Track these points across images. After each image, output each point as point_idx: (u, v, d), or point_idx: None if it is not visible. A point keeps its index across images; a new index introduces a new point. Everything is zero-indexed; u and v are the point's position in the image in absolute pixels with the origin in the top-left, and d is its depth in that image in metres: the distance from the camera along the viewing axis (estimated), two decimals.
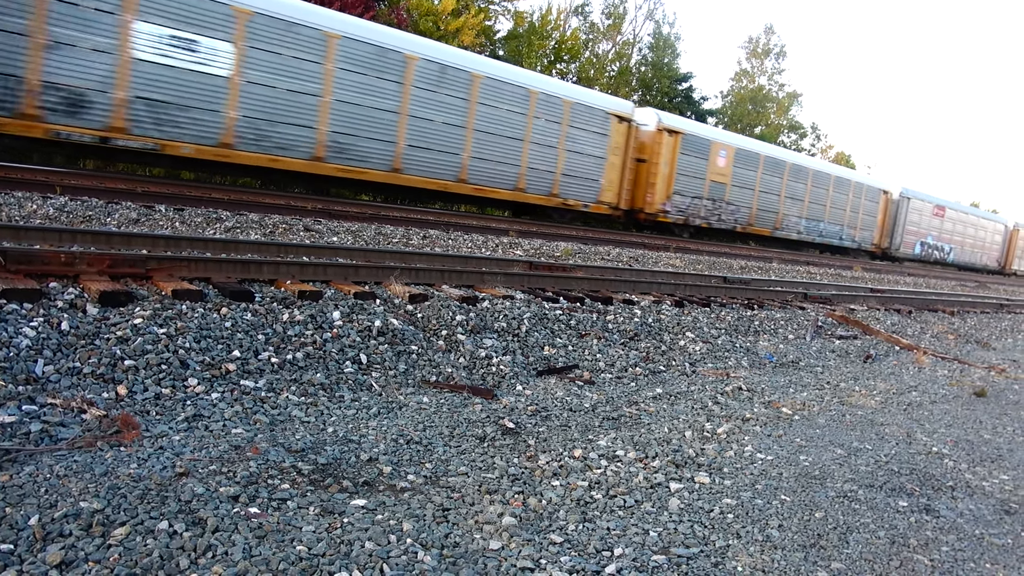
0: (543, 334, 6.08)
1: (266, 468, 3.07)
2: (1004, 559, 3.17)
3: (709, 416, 4.78)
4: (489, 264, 8.82)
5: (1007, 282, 35.43)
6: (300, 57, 14.56)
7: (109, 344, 3.91)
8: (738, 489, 3.56)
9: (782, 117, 51.53)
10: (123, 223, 8.19)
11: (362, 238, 9.93)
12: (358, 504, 2.88)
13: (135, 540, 2.37)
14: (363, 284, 6.13)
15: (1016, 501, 3.95)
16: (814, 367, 7.19)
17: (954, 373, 7.79)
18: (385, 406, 4.22)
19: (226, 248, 6.94)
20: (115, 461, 2.94)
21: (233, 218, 9.48)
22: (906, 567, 2.95)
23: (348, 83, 15.33)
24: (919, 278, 24.70)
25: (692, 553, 2.83)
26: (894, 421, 5.33)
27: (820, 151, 55.23)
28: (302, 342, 4.64)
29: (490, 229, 14.29)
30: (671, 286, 9.20)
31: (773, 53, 51.17)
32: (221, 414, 3.65)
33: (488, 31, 33.91)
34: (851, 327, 9.57)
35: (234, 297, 4.95)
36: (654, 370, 6.06)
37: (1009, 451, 4.97)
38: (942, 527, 3.41)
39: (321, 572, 2.33)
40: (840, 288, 13.43)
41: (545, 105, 19.31)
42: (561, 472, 3.52)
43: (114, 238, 6.43)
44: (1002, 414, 6.09)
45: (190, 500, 2.66)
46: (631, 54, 43.02)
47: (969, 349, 10.25)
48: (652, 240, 19.08)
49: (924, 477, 4.09)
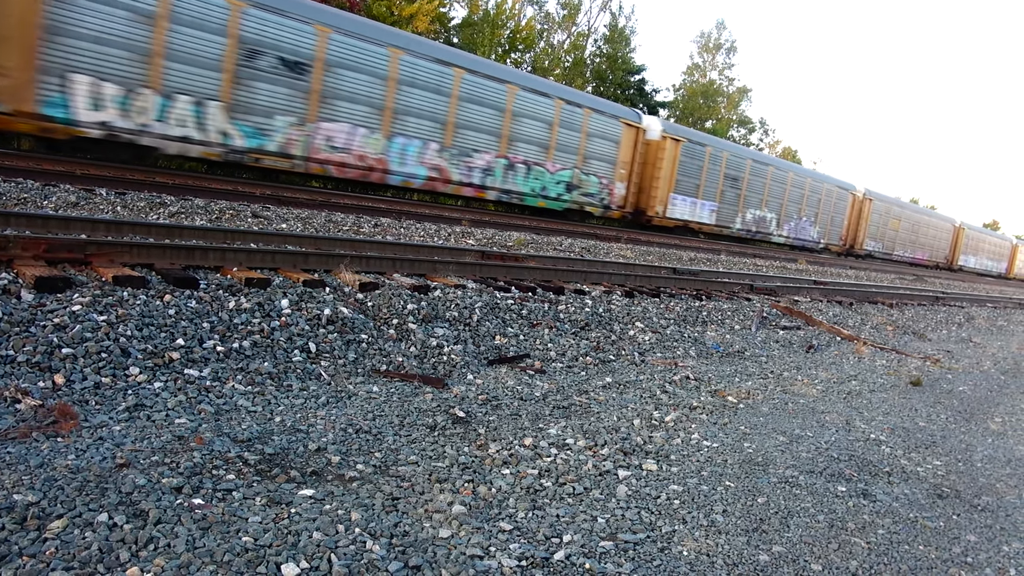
0: (495, 323, 6.08)
1: (211, 458, 3.01)
2: (937, 541, 3.31)
3: (657, 405, 4.86)
4: (441, 253, 8.78)
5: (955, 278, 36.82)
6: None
7: (45, 332, 3.77)
8: (684, 476, 3.63)
9: (732, 111, 52.39)
10: (61, 206, 7.90)
11: (312, 225, 9.78)
12: (306, 494, 2.85)
13: (73, 533, 2.30)
14: (313, 272, 6.04)
15: (948, 486, 4.12)
16: (759, 357, 7.36)
17: (892, 363, 8.06)
18: (334, 395, 4.18)
19: (170, 233, 6.75)
20: (51, 452, 2.84)
21: (178, 203, 9.23)
22: (844, 549, 3.05)
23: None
24: (861, 271, 25.47)
25: (639, 539, 2.88)
26: (834, 409, 5.49)
27: (768, 146, 56.36)
28: (249, 330, 4.55)
29: (443, 218, 14.22)
30: (622, 277, 9.29)
31: (724, 48, 51.97)
32: (164, 404, 3.56)
33: (443, 18, 33.62)
34: (795, 318, 9.82)
35: (178, 284, 4.82)
36: (604, 359, 6.12)
37: (942, 438, 5.17)
38: (879, 511, 3.54)
39: (267, 563, 2.30)
40: (785, 280, 13.76)
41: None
42: (511, 460, 3.54)
43: (51, 222, 6.19)
44: (936, 402, 6.33)
45: (131, 492, 2.59)
46: (586, 45, 43.18)
47: (906, 340, 10.62)
48: (603, 231, 19.23)
49: (862, 463, 4.23)
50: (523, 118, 19.64)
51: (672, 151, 23.92)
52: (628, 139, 22.89)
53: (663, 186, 23.83)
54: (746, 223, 27.76)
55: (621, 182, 22.92)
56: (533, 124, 19.96)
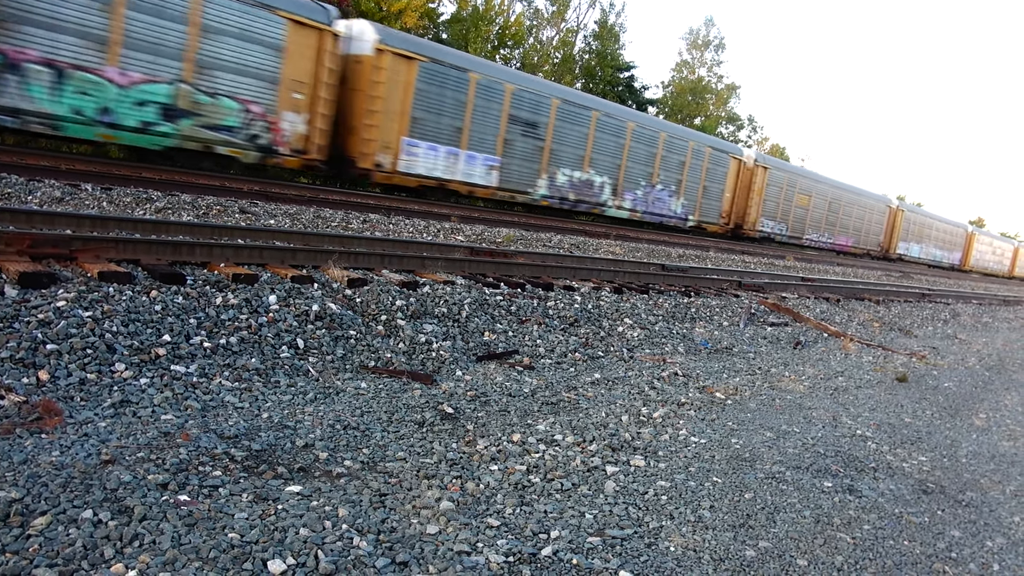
0: (484, 319, 6.08)
1: (197, 455, 2.99)
2: (921, 536, 3.34)
3: (645, 401, 4.87)
4: (430, 249, 8.76)
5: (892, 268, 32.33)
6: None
7: (30, 327, 3.74)
8: (672, 472, 3.64)
9: (721, 108, 52.52)
10: (46, 202, 7.83)
11: (300, 221, 9.74)
12: (293, 490, 2.84)
13: (56, 530, 2.28)
14: (301, 268, 6.02)
15: (933, 481, 4.15)
16: (747, 353, 7.39)
17: (878, 359, 8.11)
18: (322, 391, 4.16)
19: (156, 229, 6.70)
20: (35, 448, 2.82)
21: (164, 198, 9.16)
22: (830, 545, 3.07)
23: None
24: (848, 268, 25.62)
25: (627, 534, 2.88)
26: (821, 405, 5.52)
27: (756, 143, 56.56)
28: (236, 326, 4.53)
29: (432, 214, 14.19)
30: (611, 273, 9.31)
31: (713, 45, 52.04)
32: (150, 400, 3.54)
33: (431, 13, 33.51)
34: (782, 314, 9.87)
35: (165, 280, 4.79)
36: (593, 356, 6.13)
37: (928, 434, 5.21)
38: (864, 506, 3.56)
39: (254, 559, 2.29)
40: (773, 277, 13.82)
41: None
42: (499, 456, 3.54)
43: (36, 217, 6.14)
44: (922, 399, 6.38)
45: (116, 488, 2.57)
46: (575, 42, 43.16)
47: (893, 336, 10.70)
48: (593, 228, 19.24)
49: (848, 459, 4.26)
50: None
51: (401, 74, 15.89)
52: (301, 44, 14.30)
53: (388, 126, 15.91)
54: (556, 188, 20.40)
55: (298, 112, 14.44)
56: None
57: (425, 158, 17.05)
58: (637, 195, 23.30)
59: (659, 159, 23.71)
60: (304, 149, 14.82)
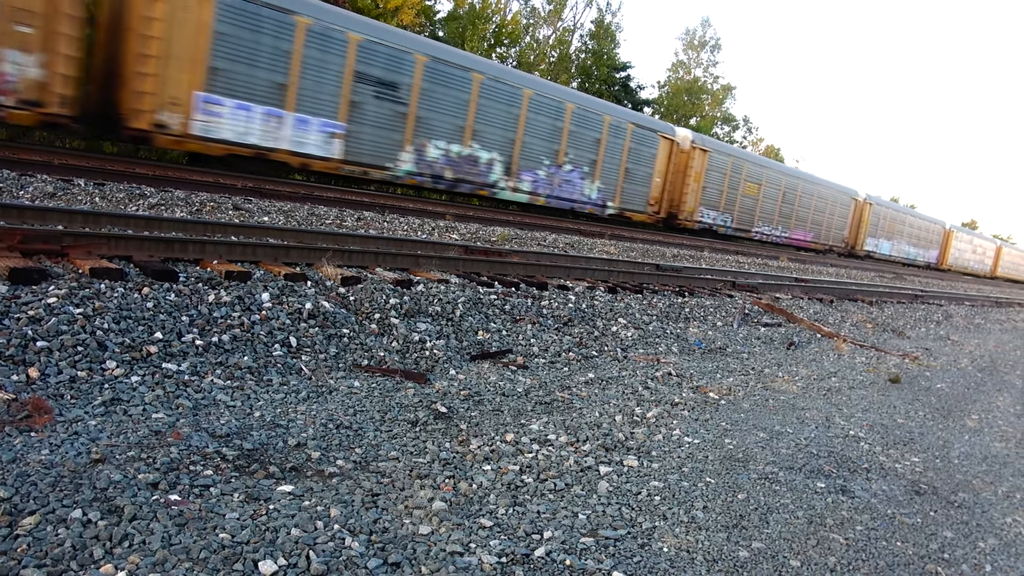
0: (477, 318, 6.07)
1: (188, 454, 2.97)
2: (914, 537, 3.34)
3: (639, 401, 4.86)
4: (425, 248, 8.74)
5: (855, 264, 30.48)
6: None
7: (19, 324, 3.71)
8: (665, 472, 3.63)
9: (716, 109, 52.59)
10: (38, 197, 7.78)
11: (294, 218, 9.70)
12: (285, 490, 2.82)
13: (45, 529, 2.26)
14: (294, 265, 5.99)
15: (926, 482, 4.16)
16: (740, 353, 7.39)
17: (871, 360, 8.13)
18: (315, 390, 4.14)
19: (149, 225, 6.66)
20: (24, 447, 2.79)
21: (158, 195, 9.11)
22: (823, 545, 3.07)
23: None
24: (841, 269, 25.68)
25: (620, 535, 2.88)
26: (814, 406, 5.53)
27: (751, 143, 56.65)
28: (229, 324, 4.50)
29: (426, 212, 14.16)
30: (605, 272, 9.30)
31: (709, 46, 52.11)
32: (141, 398, 3.52)
33: (428, 11, 33.45)
34: (776, 315, 9.88)
35: (157, 277, 4.76)
36: (587, 355, 6.13)
37: (920, 435, 5.22)
38: (857, 507, 3.56)
39: (244, 560, 2.28)
40: (767, 277, 13.84)
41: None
42: (493, 456, 3.52)
43: (27, 212, 6.10)
44: (914, 400, 6.39)
45: (106, 487, 2.55)
46: (571, 41, 43.14)
47: (886, 337, 10.72)
48: (587, 227, 19.24)
49: (841, 459, 4.26)
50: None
51: (192, 11, 12.78)
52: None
53: (173, 76, 12.78)
54: (427, 163, 17.05)
55: (26, 51, 11.25)
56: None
57: (233, 120, 13.71)
58: (539, 176, 19.75)
59: (567, 134, 20.11)
60: (40, 100, 11.48)
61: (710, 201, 25.98)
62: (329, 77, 14.97)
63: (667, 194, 24.39)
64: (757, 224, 28.59)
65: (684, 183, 24.81)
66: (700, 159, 24.99)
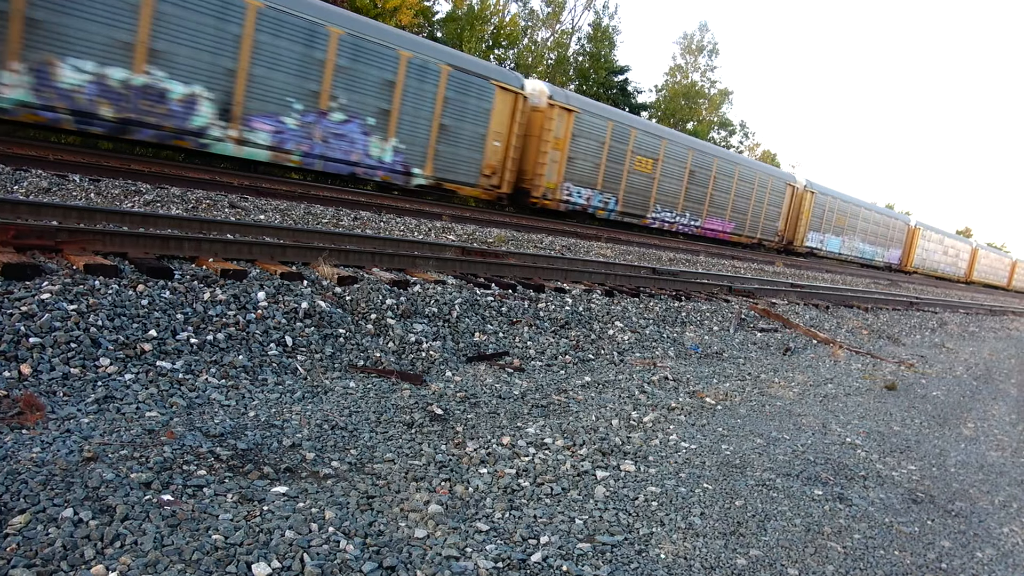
0: (474, 320, 6.04)
1: (182, 453, 2.94)
2: (911, 546, 3.32)
3: (636, 405, 4.84)
4: (422, 248, 8.71)
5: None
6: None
7: (12, 320, 3.66)
8: (662, 477, 3.61)
9: (713, 113, 52.70)
10: (32, 192, 7.72)
11: (291, 217, 9.66)
12: (279, 491, 2.79)
13: (36, 529, 2.22)
14: (290, 264, 5.96)
15: (923, 491, 4.14)
16: (737, 358, 7.38)
17: (867, 367, 8.13)
18: (310, 390, 4.11)
19: (145, 222, 6.62)
20: (15, 444, 2.76)
21: (154, 191, 9.06)
22: (820, 554, 3.05)
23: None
24: (837, 274, 25.73)
25: (616, 540, 2.85)
26: (811, 412, 5.51)
27: (748, 148, 56.77)
28: (224, 323, 4.46)
29: (423, 213, 14.13)
30: (602, 276, 9.28)
31: (707, 50, 52.22)
32: (135, 396, 3.48)
33: (427, 11, 33.45)
34: (772, 320, 9.87)
35: (152, 274, 4.72)
36: (583, 358, 6.10)
37: (917, 442, 5.21)
38: (854, 515, 3.55)
39: (238, 562, 2.24)
40: (763, 282, 13.85)
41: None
42: (489, 459, 3.50)
43: (21, 207, 6.04)
44: (911, 407, 6.39)
45: (98, 486, 2.52)
46: (569, 43, 43.19)
47: (881, 344, 10.73)
48: (584, 229, 19.23)
49: (838, 467, 4.25)
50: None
51: None
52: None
53: None
54: (58, 89, 11.39)
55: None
56: None
57: None
58: (285, 125, 14.30)
59: (331, 70, 14.66)
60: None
61: (581, 176, 20.60)
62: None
63: (512, 163, 18.71)
64: (654, 208, 23.51)
65: (537, 148, 19.28)
66: (564, 121, 19.50)
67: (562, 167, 19.96)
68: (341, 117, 15.10)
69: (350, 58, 14.99)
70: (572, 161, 20.21)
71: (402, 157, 16.43)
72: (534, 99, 19.32)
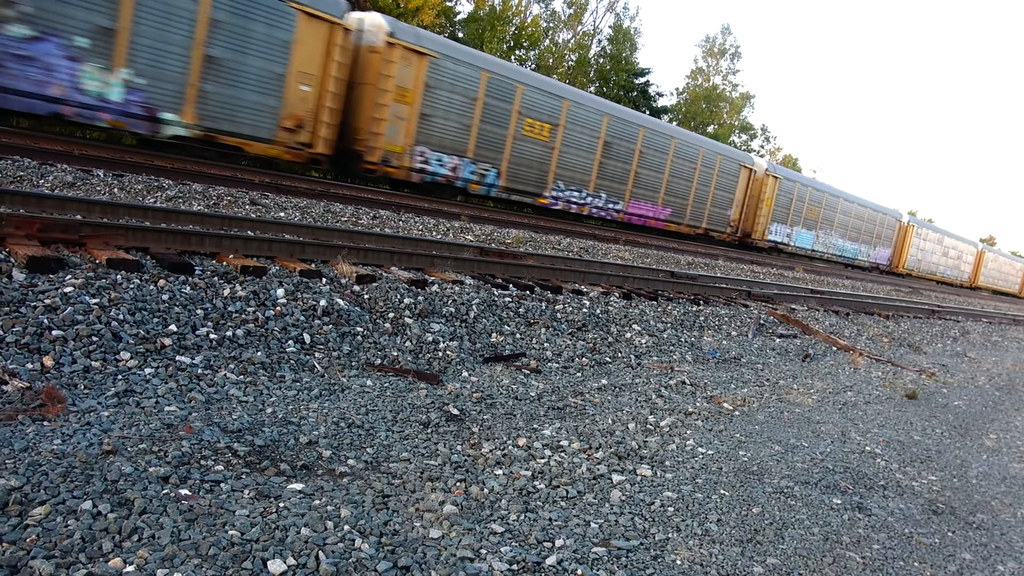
0: (491, 321, 6.03)
1: (200, 448, 2.95)
2: (932, 558, 3.27)
3: (653, 409, 4.81)
4: (440, 248, 8.72)
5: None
6: None
7: (36, 312, 3.71)
8: (679, 482, 3.58)
9: (735, 117, 52.36)
10: (57, 186, 7.82)
11: (310, 215, 9.71)
12: (295, 488, 2.80)
13: (55, 520, 2.24)
14: (309, 262, 5.98)
15: (943, 501, 4.08)
16: (755, 364, 7.32)
17: (887, 375, 8.03)
18: (327, 388, 4.12)
19: (167, 218, 6.68)
20: (37, 436, 2.78)
21: (176, 187, 9.14)
22: (839, 564, 3.01)
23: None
24: (857, 281, 25.46)
25: (632, 546, 2.83)
26: (830, 420, 5.45)
27: (769, 153, 56.36)
28: (243, 319, 4.49)
29: (442, 212, 14.15)
30: (620, 278, 9.25)
31: (729, 54, 51.88)
32: (154, 390, 3.50)
33: (449, 12, 33.52)
34: (792, 326, 9.79)
35: (173, 269, 4.76)
36: (600, 361, 6.08)
37: (937, 452, 5.14)
38: (874, 525, 3.50)
39: (254, 558, 2.25)
40: (782, 288, 13.73)
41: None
42: (504, 461, 3.49)
43: (46, 201, 6.12)
44: (931, 416, 6.30)
45: (117, 480, 2.54)
46: (591, 45, 43.10)
47: (902, 352, 10.60)
48: (602, 232, 19.16)
49: (857, 475, 4.20)
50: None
51: None
52: None
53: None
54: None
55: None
56: None
57: None
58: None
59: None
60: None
61: (443, 139, 16.55)
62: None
63: (331, 115, 14.40)
64: (553, 186, 19.41)
65: (377, 103, 15.06)
66: (413, 67, 15.38)
67: (412, 126, 15.70)
68: (27, 33, 10.76)
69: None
70: (428, 119, 16.03)
71: (142, 96, 12.09)
72: (367, 36, 15.06)
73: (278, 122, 13.80)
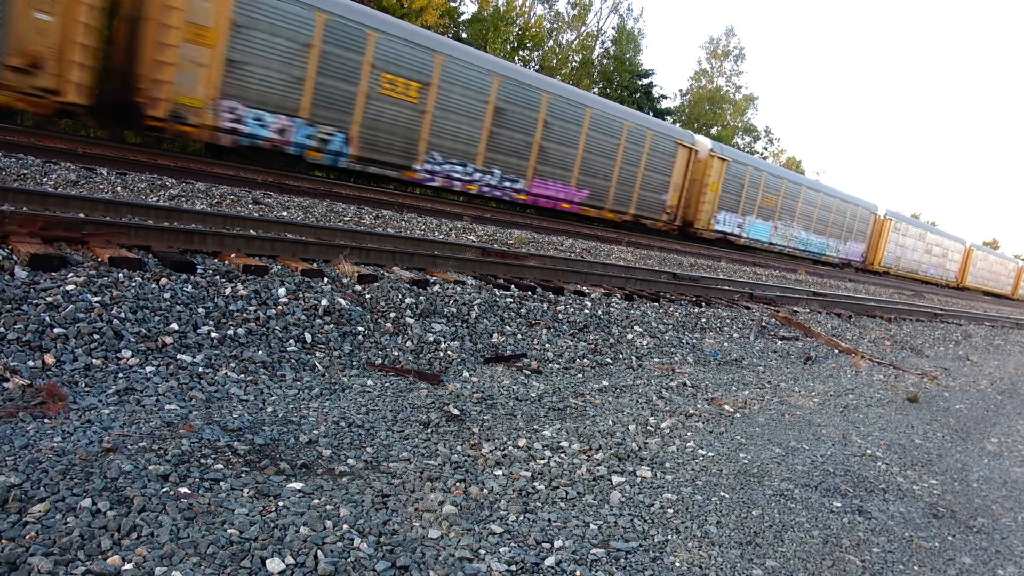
0: (493, 321, 6.03)
1: (199, 447, 2.96)
2: (932, 562, 3.26)
3: (653, 410, 4.81)
4: (442, 248, 8.72)
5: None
6: None
7: (37, 310, 3.71)
8: (679, 484, 3.58)
9: (738, 119, 52.34)
10: (60, 184, 7.83)
11: (313, 214, 9.72)
12: (295, 487, 2.80)
13: (54, 517, 2.25)
14: (311, 261, 5.98)
15: (944, 505, 4.07)
16: (756, 366, 7.31)
17: (889, 378, 8.02)
18: (328, 387, 4.13)
19: (169, 216, 6.69)
20: (37, 433, 2.79)
21: (178, 186, 9.16)
22: (838, 567, 3.00)
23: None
24: (859, 284, 25.42)
25: (631, 547, 2.83)
26: (831, 422, 5.45)
27: (772, 155, 56.31)
28: (244, 318, 4.50)
29: (444, 213, 14.16)
30: (622, 280, 9.24)
31: (732, 55, 51.88)
32: (155, 389, 3.51)
33: (453, 12, 33.55)
34: (793, 328, 9.77)
35: (175, 267, 4.76)
36: (601, 362, 6.08)
37: (939, 456, 5.13)
38: (874, 529, 3.49)
39: (252, 557, 2.25)
40: (784, 290, 13.72)
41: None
42: (504, 461, 3.49)
43: (49, 199, 6.14)
44: (933, 420, 6.29)
45: (116, 477, 2.54)
46: (594, 46, 43.11)
47: (904, 355, 10.58)
48: (604, 233, 19.15)
49: (858, 479, 4.19)
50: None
51: None
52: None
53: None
54: None
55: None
56: None
57: None
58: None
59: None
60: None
61: (264, 93, 13.61)
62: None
63: (86, 54, 11.40)
64: (427, 156, 16.53)
65: (159, 41, 12.09)
66: (216, 4, 12.47)
67: (216, 73, 12.78)
68: None
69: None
70: (238, 66, 13.03)
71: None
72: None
73: (1, 60, 10.68)
